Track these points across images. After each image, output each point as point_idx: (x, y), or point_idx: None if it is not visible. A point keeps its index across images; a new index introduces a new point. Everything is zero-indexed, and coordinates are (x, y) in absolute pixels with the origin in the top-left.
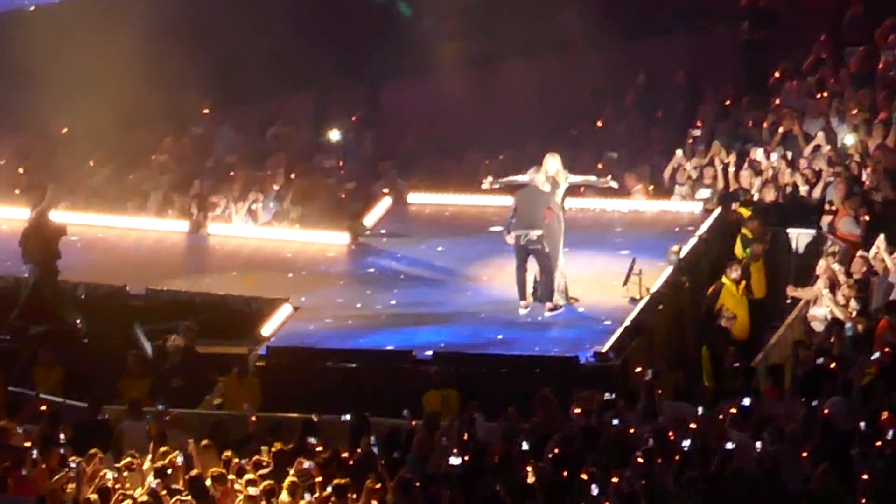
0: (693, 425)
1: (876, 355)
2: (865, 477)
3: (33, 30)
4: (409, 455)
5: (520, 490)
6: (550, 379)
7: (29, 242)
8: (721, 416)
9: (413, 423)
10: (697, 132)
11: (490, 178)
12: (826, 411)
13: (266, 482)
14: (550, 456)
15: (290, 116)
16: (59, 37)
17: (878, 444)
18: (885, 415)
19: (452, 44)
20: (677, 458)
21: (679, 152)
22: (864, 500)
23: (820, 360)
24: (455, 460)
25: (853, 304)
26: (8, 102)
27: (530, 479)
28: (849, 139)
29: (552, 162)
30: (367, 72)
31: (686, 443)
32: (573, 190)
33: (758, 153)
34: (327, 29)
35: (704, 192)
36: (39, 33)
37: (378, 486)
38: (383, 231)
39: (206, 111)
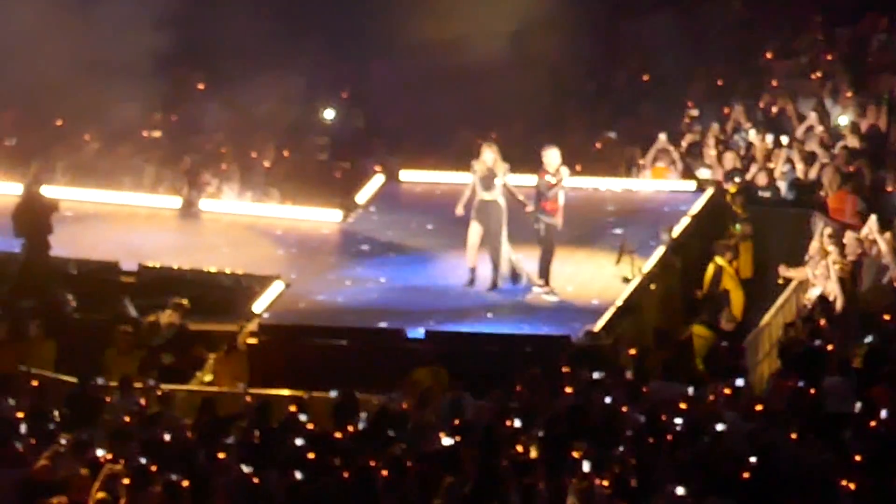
0: (683, 405)
1: (869, 338)
2: (858, 458)
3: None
4: (403, 433)
5: (519, 466)
6: (541, 358)
7: (20, 217)
8: (713, 397)
9: (404, 405)
10: (695, 112)
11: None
12: (813, 392)
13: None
14: (539, 436)
15: (280, 94)
16: (48, 12)
17: (872, 423)
18: (877, 391)
19: (437, 21)
20: (669, 437)
21: (662, 136)
22: (855, 482)
23: (817, 342)
24: (446, 440)
25: (840, 286)
26: None
27: (533, 454)
28: (842, 119)
29: (488, 153)
30: (356, 48)
31: (678, 422)
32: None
33: (751, 134)
34: (314, 6)
35: (704, 172)
36: (28, 8)
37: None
38: (375, 209)
39: (200, 86)
